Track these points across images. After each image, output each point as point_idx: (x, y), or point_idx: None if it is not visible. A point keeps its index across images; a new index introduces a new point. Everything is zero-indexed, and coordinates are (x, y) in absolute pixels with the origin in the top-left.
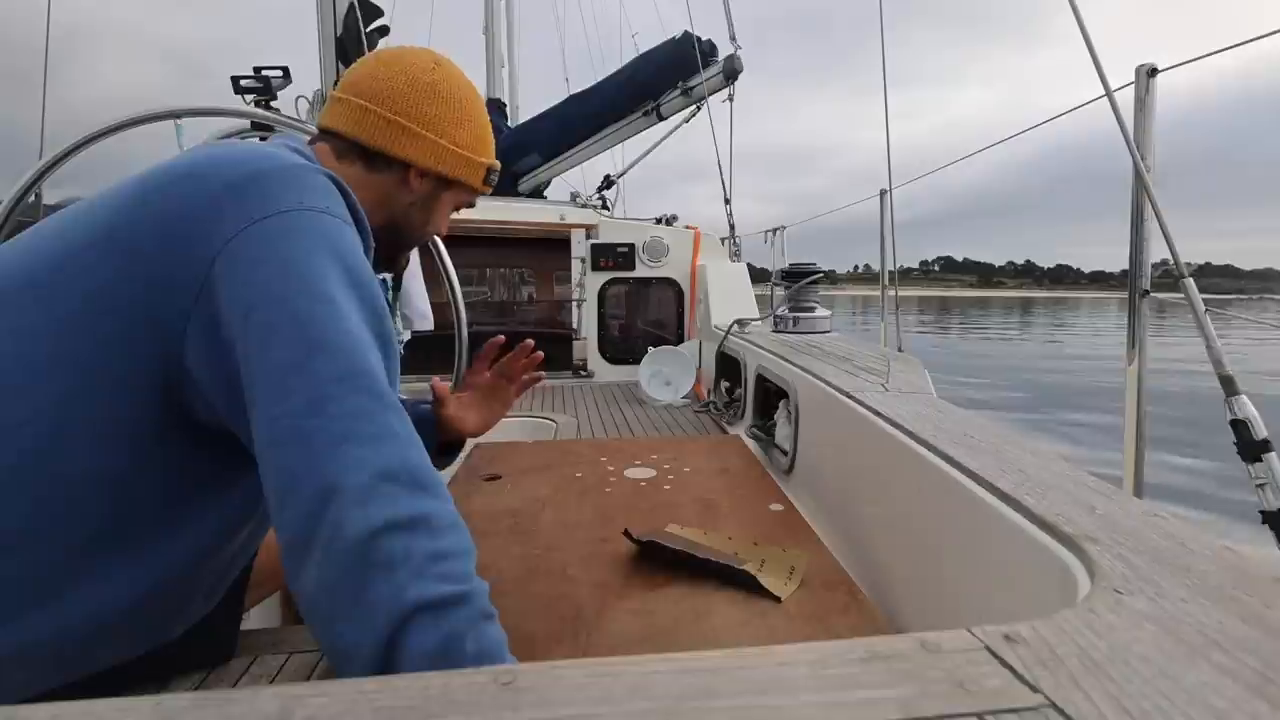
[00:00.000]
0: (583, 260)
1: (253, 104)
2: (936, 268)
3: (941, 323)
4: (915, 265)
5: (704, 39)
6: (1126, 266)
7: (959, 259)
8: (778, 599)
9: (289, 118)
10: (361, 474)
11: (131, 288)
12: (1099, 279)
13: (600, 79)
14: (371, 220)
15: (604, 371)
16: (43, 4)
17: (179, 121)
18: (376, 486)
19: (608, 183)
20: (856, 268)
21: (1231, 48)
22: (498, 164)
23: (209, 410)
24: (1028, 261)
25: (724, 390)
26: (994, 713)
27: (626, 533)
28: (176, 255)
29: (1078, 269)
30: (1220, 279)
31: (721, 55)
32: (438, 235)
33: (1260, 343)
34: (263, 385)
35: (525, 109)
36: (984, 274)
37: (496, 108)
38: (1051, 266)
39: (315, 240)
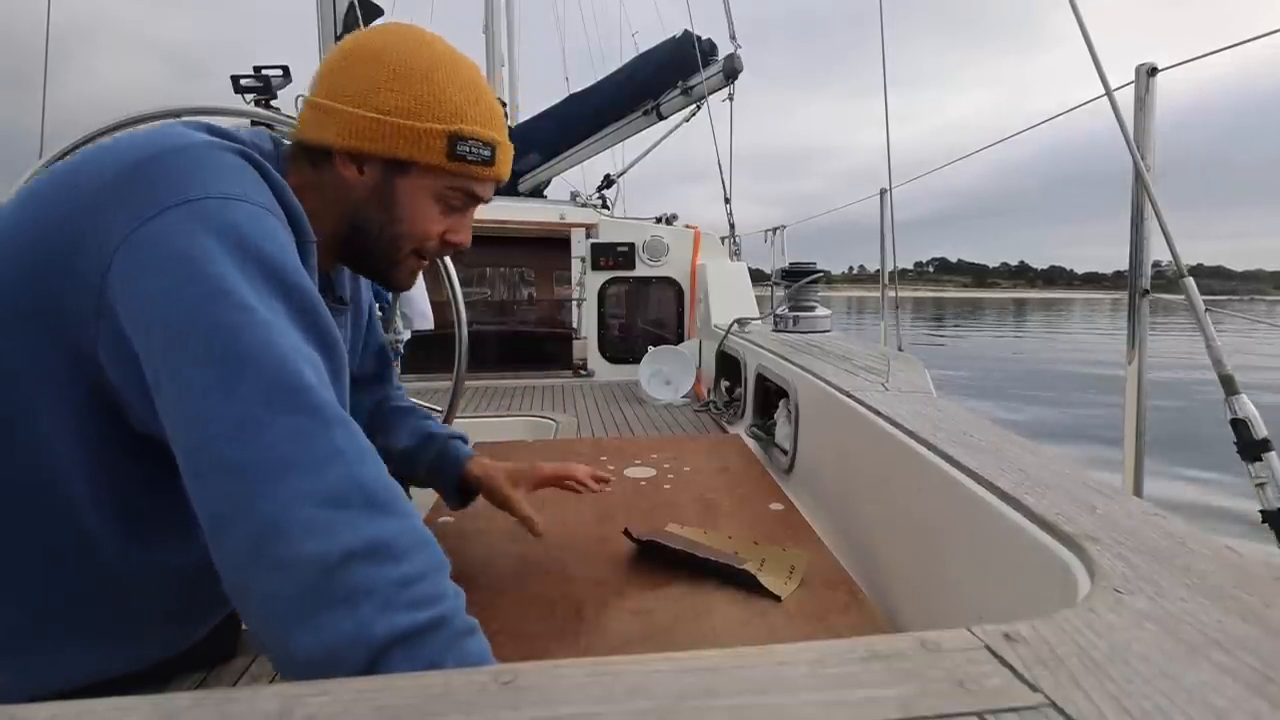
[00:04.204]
0: (583, 260)
1: (253, 103)
2: (931, 268)
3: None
4: (910, 266)
5: (704, 38)
6: (1119, 268)
7: (953, 260)
8: (777, 598)
9: (289, 116)
10: (307, 505)
11: (36, 298)
12: (1092, 280)
13: (600, 79)
14: (331, 227)
15: (604, 371)
16: (41, 3)
17: (178, 121)
18: (326, 516)
19: (608, 182)
20: (851, 268)
21: (1231, 47)
22: (478, 129)
23: (144, 425)
24: (1021, 262)
25: (724, 390)
26: (994, 712)
27: (626, 532)
28: (67, 267)
29: (1071, 270)
30: (1212, 280)
31: (721, 55)
32: (449, 240)
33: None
34: (178, 411)
35: (525, 109)
36: (978, 275)
37: None
38: (1045, 267)
39: (224, 234)
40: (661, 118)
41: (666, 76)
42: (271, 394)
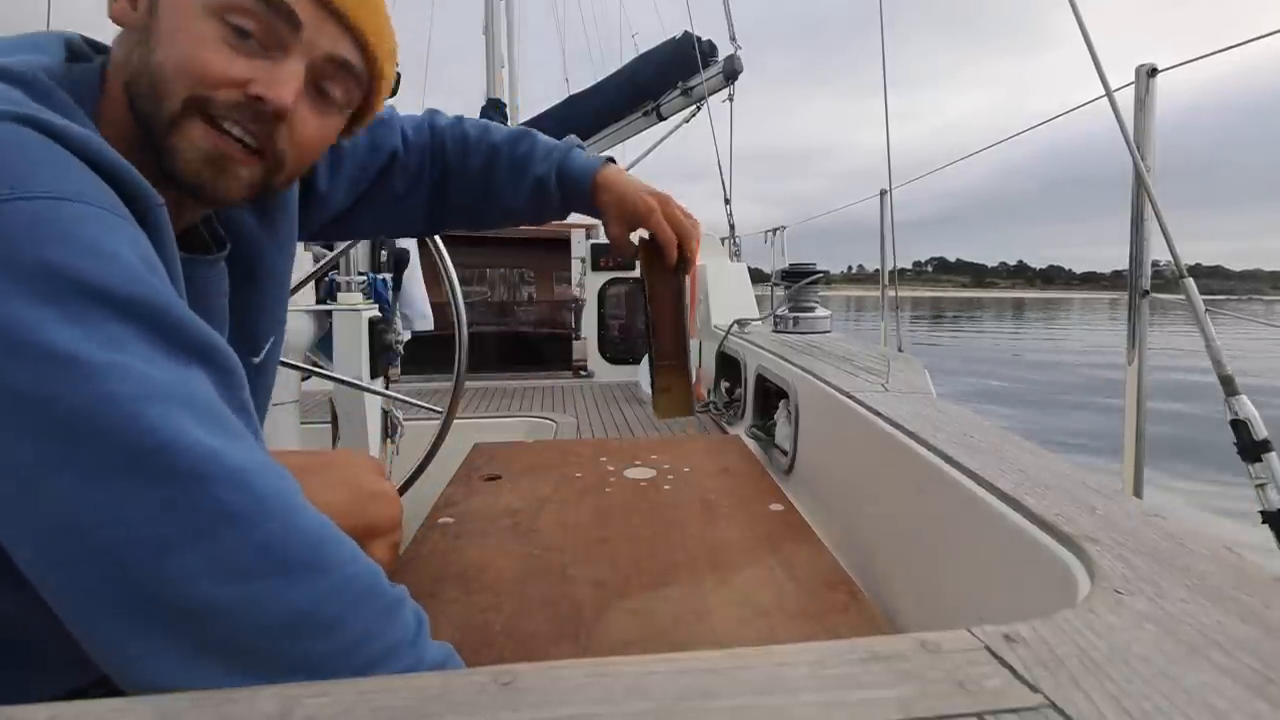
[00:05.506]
0: (583, 260)
1: None
2: (930, 268)
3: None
4: (909, 266)
5: (704, 39)
6: (1117, 267)
7: (952, 259)
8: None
9: None
10: (200, 585)
11: None
12: (1090, 279)
13: (600, 79)
14: (124, 118)
15: (604, 371)
16: (42, 3)
17: None
18: (230, 593)
19: None
20: (850, 268)
21: (1232, 48)
22: None
23: None
24: (1020, 262)
25: (724, 390)
26: (994, 713)
27: (636, 244)
28: None
29: (1069, 270)
30: (1210, 280)
31: (721, 55)
32: (253, 92)
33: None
34: (8, 499)
35: (525, 109)
36: (977, 274)
37: (496, 108)
38: (1043, 267)
39: (5, 259)
40: (662, 118)
41: (667, 77)
42: (128, 461)
